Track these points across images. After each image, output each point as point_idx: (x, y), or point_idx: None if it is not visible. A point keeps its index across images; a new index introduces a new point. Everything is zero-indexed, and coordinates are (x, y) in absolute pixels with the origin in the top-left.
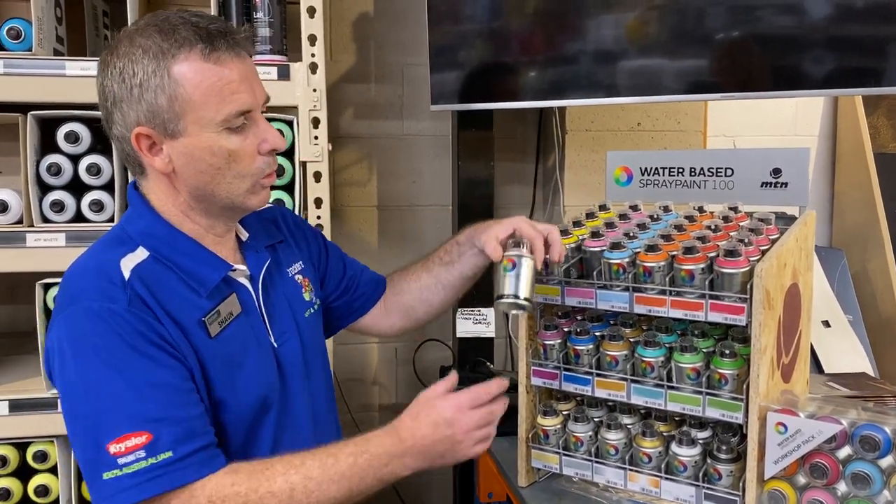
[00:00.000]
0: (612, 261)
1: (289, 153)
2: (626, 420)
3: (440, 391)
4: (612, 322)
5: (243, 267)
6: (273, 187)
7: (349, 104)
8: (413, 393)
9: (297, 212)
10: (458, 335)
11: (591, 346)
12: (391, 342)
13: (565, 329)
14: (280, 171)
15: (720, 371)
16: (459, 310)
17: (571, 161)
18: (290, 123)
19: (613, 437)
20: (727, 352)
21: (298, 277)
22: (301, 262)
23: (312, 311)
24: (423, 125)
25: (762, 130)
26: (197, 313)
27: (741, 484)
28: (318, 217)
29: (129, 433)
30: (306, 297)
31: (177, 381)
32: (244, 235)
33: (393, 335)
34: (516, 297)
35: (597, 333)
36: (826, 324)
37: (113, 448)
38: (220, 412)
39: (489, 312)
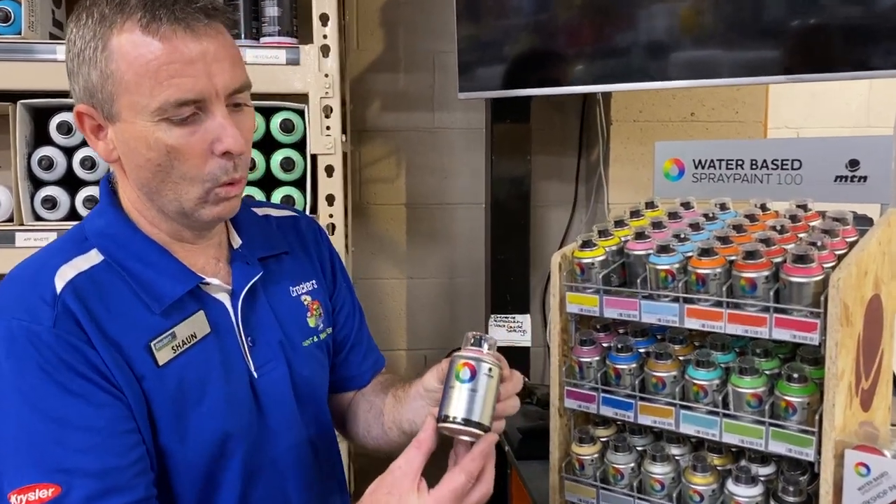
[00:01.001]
0: (659, 266)
1: (300, 145)
2: (674, 451)
3: (411, 474)
4: (658, 337)
5: (218, 282)
6: (282, 183)
7: (376, 95)
8: None
9: (307, 210)
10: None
11: (633, 366)
12: (420, 349)
13: (604, 344)
14: (289, 165)
15: (787, 398)
16: (493, 316)
17: (617, 154)
18: (300, 113)
19: (659, 470)
20: (796, 375)
21: (306, 299)
22: (315, 283)
23: (317, 339)
24: (455, 117)
25: (830, 122)
26: (145, 335)
27: None
28: (331, 216)
29: (34, 483)
30: (311, 322)
31: (104, 422)
32: (237, 242)
33: (360, 441)
34: (470, 421)
35: (641, 350)
36: None
37: (14, 499)
38: (166, 458)
39: (525, 319)
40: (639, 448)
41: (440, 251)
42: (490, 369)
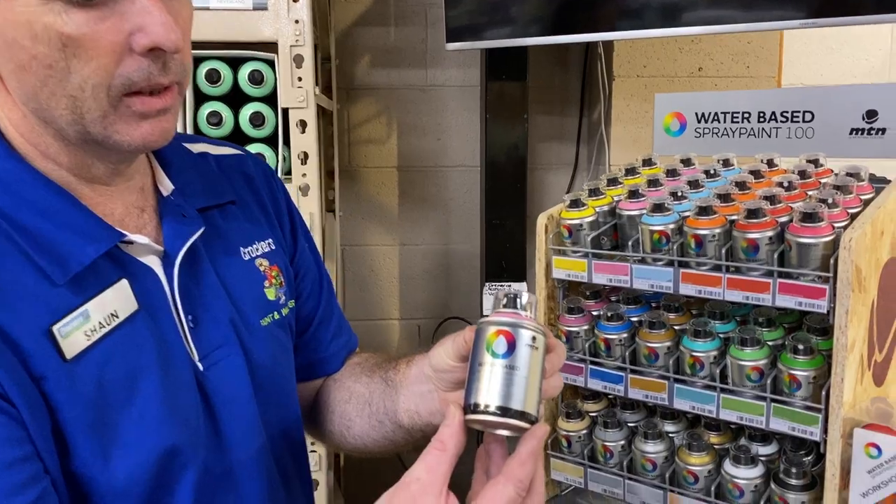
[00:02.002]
0: (652, 227)
1: (271, 99)
2: (667, 428)
3: (436, 488)
4: (652, 306)
5: (145, 240)
6: (252, 140)
7: (365, 50)
8: None
9: (279, 170)
10: (486, 314)
11: (624, 335)
12: (414, 318)
13: (594, 313)
14: (259, 120)
15: (791, 371)
16: (487, 284)
17: (619, 112)
18: (271, 64)
19: (651, 448)
20: (801, 347)
21: (262, 263)
22: (272, 242)
23: (278, 315)
24: (449, 74)
25: (849, 76)
26: (44, 317)
27: None
28: (304, 175)
29: None
30: (270, 293)
31: None
32: (167, 188)
33: (335, 441)
34: (510, 410)
35: (632, 319)
36: None
37: None
38: (84, 488)
39: (521, 287)
40: (630, 424)
41: (434, 216)
42: (533, 338)
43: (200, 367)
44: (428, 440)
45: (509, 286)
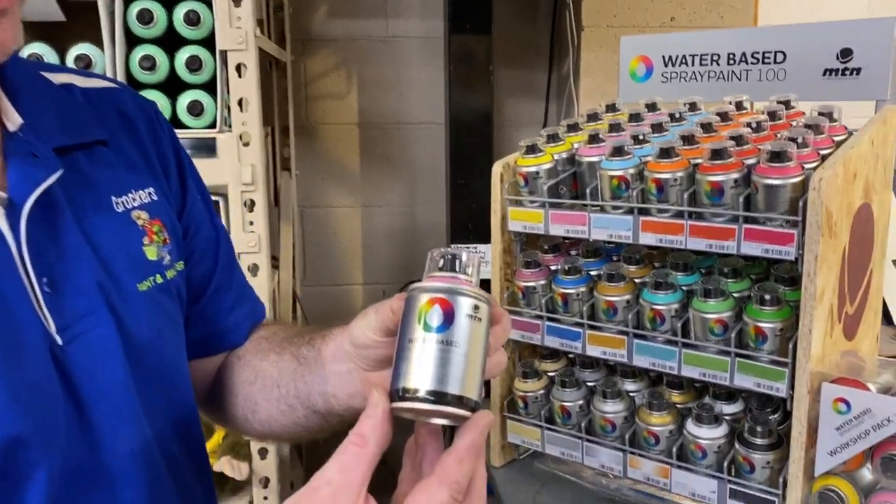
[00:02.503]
0: (611, 172)
1: (208, 42)
2: (627, 387)
3: (350, 492)
4: (613, 258)
5: None
6: (189, 86)
7: None
8: None
9: (219, 119)
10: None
11: (582, 289)
12: (378, 283)
13: (551, 267)
14: (196, 64)
15: (757, 324)
16: (452, 246)
17: (588, 65)
18: (208, 3)
19: (610, 408)
20: (768, 297)
21: (140, 217)
22: (153, 192)
23: (162, 279)
24: (411, 25)
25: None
26: None
27: (781, 479)
28: (244, 123)
29: None
30: (151, 253)
31: None
32: (14, 122)
33: (239, 426)
34: (446, 396)
35: (591, 273)
36: None
37: None
38: None
39: (488, 249)
40: (589, 384)
41: (398, 176)
42: (475, 307)
43: (59, 342)
44: (348, 428)
45: (474, 248)
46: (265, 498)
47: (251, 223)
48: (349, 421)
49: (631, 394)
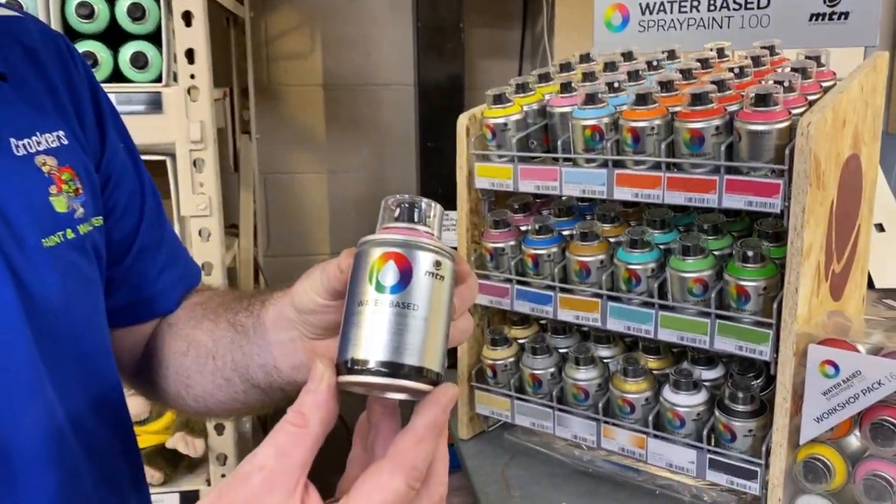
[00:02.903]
0: (584, 122)
1: None
2: (601, 353)
3: (288, 480)
4: (585, 216)
5: None
6: (132, 36)
7: None
8: None
9: (165, 73)
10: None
11: (554, 250)
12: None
13: (521, 227)
14: (139, 12)
15: (739, 282)
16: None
17: (563, 21)
18: None
19: (583, 376)
20: (751, 253)
21: (47, 163)
22: (62, 136)
23: (73, 234)
24: None
25: None
26: None
27: (764, 448)
28: (192, 77)
29: None
30: (59, 204)
31: None
32: None
33: (172, 403)
34: (403, 367)
35: (563, 232)
36: (880, 227)
37: None
38: None
39: (455, 214)
40: (560, 350)
41: (365, 140)
42: (437, 263)
43: None
44: (291, 403)
45: (445, 213)
46: (223, 475)
47: (201, 185)
48: (293, 396)
49: (605, 360)
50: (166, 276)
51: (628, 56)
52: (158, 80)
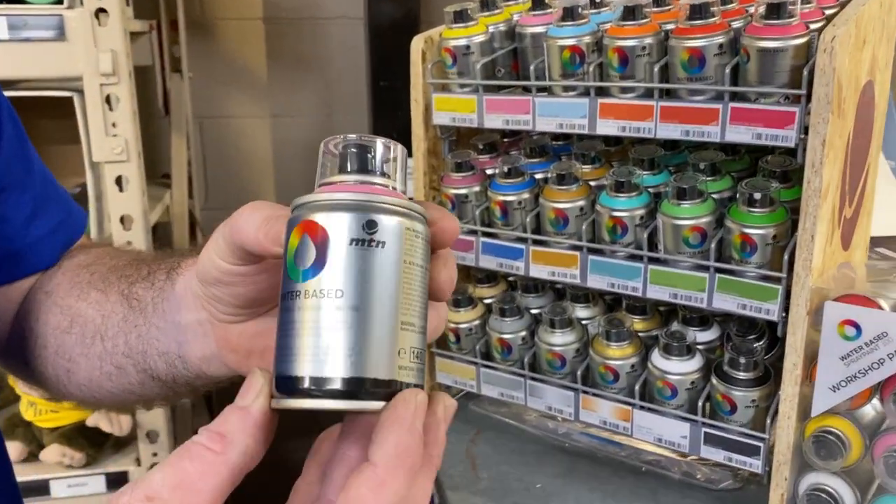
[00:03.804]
0: (561, 41)
1: None
2: (580, 314)
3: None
4: (559, 157)
5: None
6: None
7: None
8: None
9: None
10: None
11: (525, 196)
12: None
13: (486, 170)
14: None
15: (745, 230)
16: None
17: None
18: None
19: (559, 340)
20: (758, 196)
21: None
22: None
23: None
24: None
25: None
26: None
27: (767, 420)
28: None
29: None
30: None
31: None
32: None
33: (45, 387)
34: (364, 383)
35: (536, 175)
36: None
37: None
38: None
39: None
40: (533, 311)
41: (311, 80)
42: (405, 231)
43: None
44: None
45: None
46: (154, 454)
47: (115, 125)
48: (203, 392)
49: (584, 322)
50: (38, 226)
51: None
52: (60, 1)
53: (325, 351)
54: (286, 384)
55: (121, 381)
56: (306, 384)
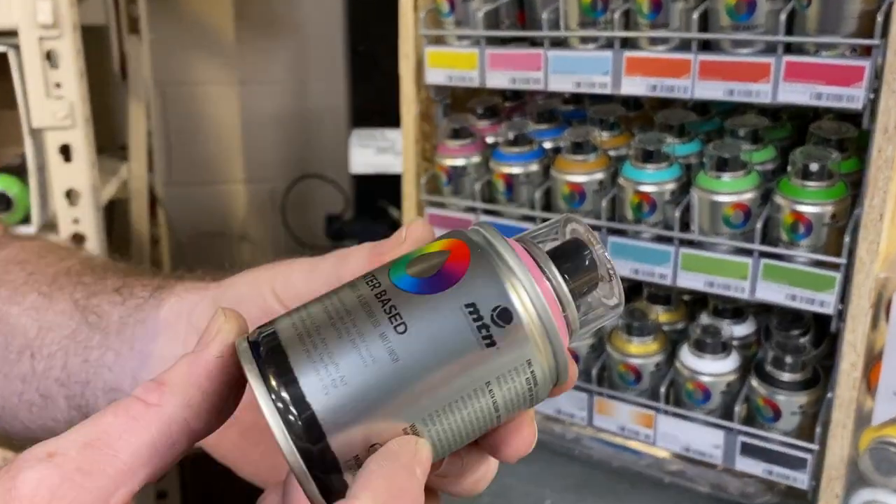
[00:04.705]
0: None
1: None
2: None
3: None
4: (571, 123)
5: None
6: None
7: None
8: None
9: None
10: (354, 171)
11: (534, 168)
12: (266, 181)
13: (488, 139)
14: None
15: (797, 207)
16: (354, 132)
17: None
18: None
19: None
20: (815, 168)
21: None
22: None
23: None
24: None
25: None
26: None
27: (819, 429)
28: None
29: None
30: None
31: None
32: None
33: None
34: (324, 437)
35: (545, 144)
36: None
37: None
38: None
39: (397, 136)
40: None
41: (283, 44)
42: (523, 362)
43: None
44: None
45: (379, 132)
46: None
47: (58, 85)
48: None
49: None
50: None
51: None
52: None
53: (324, 356)
54: (265, 341)
55: (44, 414)
56: (274, 373)
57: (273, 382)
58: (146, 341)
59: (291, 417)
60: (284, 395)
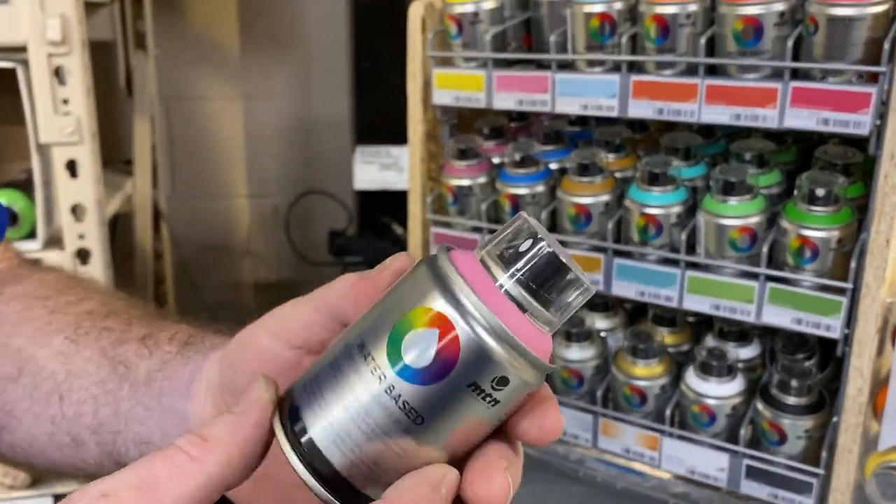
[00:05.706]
0: (588, 7)
1: None
2: (600, 325)
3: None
4: (577, 144)
5: None
6: None
7: None
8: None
9: None
10: (358, 187)
11: (540, 188)
12: (269, 197)
13: (494, 160)
14: None
15: (804, 232)
16: (358, 149)
17: None
18: None
19: (576, 356)
20: (821, 193)
21: None
22: None
23: None
24: None
25: None
26: None
27: (824, 454)
28: None
29: None
30: None
31: None
32: None
33: None
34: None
35: (552, 165)
36: None
37: None
38: None
39: (401, 153)
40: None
41: (287, 60)
42: (502, 381)
43: None
44: None
45: (384, 149)
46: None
47: (65, 101)
48: None
49: (603, 334)
50: None
51: None
52: None
53: (362, 458)
54: (294, 417)
55: (75, 455)
56: (304, 441)
57: (315, 480)
58: (176, 398)
59: None
60: (330, 498)
